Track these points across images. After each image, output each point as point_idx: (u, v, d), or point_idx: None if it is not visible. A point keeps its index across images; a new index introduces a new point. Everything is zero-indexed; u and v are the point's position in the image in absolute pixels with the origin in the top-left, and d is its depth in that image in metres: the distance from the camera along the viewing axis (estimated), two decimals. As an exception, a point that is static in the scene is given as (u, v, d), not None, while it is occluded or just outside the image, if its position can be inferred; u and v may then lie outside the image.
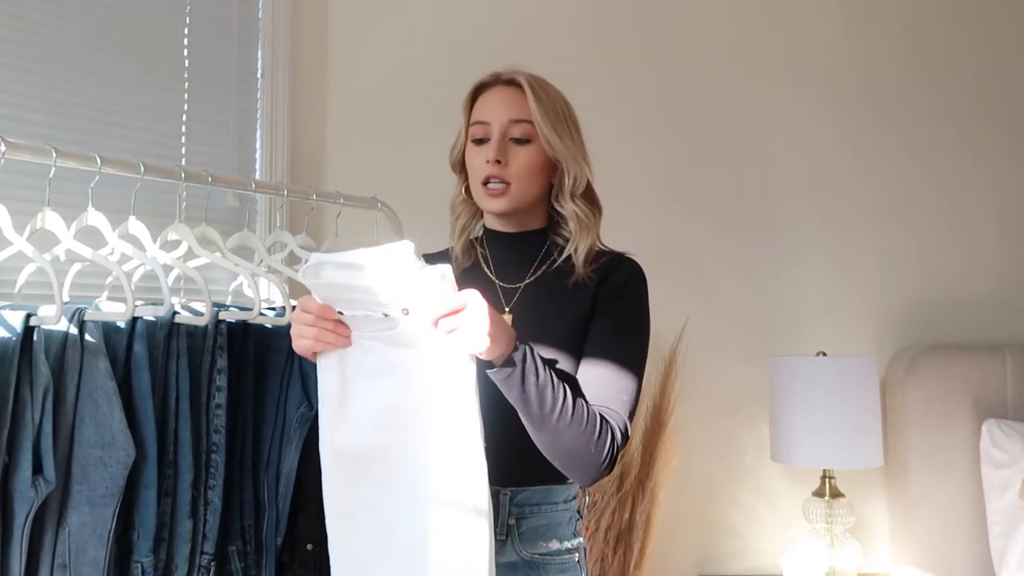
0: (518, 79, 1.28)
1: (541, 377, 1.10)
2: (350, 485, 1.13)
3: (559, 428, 1.11)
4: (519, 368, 1.09)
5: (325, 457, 1.13)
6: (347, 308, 1.09)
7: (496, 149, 1.26)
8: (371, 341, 1.11)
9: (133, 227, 1.46)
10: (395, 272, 1.02)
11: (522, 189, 1.28)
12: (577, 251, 1.29)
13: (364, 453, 1.12)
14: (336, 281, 1.05)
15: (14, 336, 1.19)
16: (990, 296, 2.44)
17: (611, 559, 2.20)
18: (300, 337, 1.11)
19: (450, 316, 1.04)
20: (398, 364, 1.10)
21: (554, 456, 1.15)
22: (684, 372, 2.31)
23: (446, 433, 1.09)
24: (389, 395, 1.11)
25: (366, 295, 1.05)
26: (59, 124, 1.74)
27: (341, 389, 1.12)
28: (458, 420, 1.08)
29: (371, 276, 1.03)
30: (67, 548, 1.23)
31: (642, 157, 2.43)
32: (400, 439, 1.11)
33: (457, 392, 1.08)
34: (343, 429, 1.12)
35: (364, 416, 1.12)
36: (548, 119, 1.26)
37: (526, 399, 1.10)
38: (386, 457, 1.11)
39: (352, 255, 1.04)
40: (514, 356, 1.09)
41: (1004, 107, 2.47)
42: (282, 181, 2.14)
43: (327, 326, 1.09)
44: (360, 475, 1.12)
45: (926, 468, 2.22)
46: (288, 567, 1.54)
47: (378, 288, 1.04)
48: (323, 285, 1.07)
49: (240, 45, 2.16)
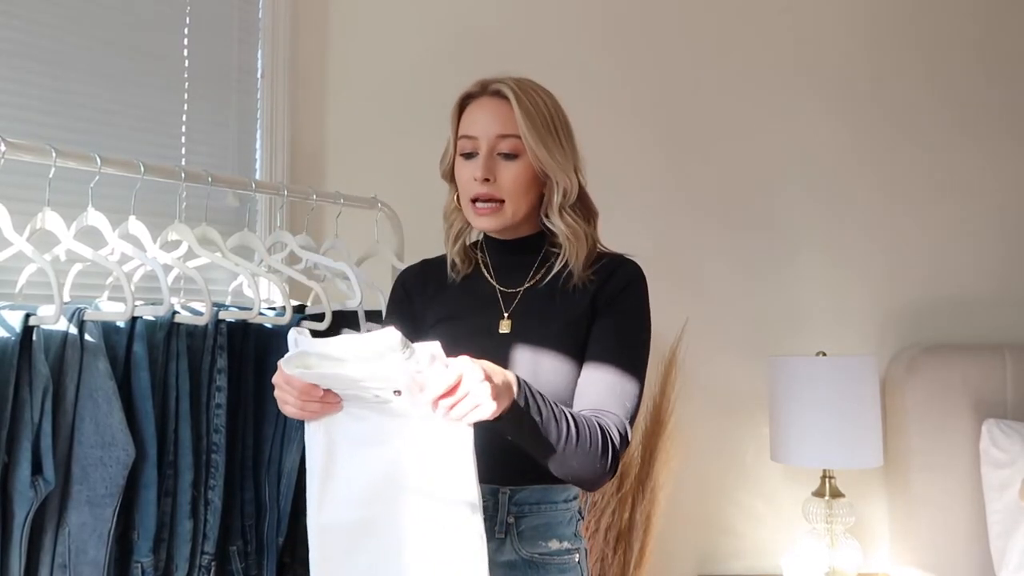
0: (503, 90, 1.25)
1: (544, 413, 1.08)
2: (339, 560, 1.08)
3: (566, 454, 1.10)
4: (525, 413, 1.06)
5: (312, 532, 1.08)
6: (335, 389, 1.04)
7: (483, 167, 1.24)
8: (359, 410, 1.05)
9: (133, 227, 1.46)
10: (382, 363, 0.96)
11: (515, 206, 1.27)
12: (572, 263, 1.28)
13: (353, 527, 1.07)
14: (322, 371, 1.01)
15: (13, 336, 1.19)
16: (990, 296, 2.44)
17: (611, 559, 2.20)
18: (284, 404, 1.06)
19: (448, 396, 0.98)
20: (391, 432, 1.05)
21: (560, 474, 1.15)
22: (684, 372, 2.31)
23: (443, 503, 1.04)
24: (381, 464, 1.05)
25: (353, 383, 1.01)
26: (59, 124, 1.74)
27: (328, 459, 1.07)
28: (456, 488, 1.03)
29: (357, 368, 0.98)
30: (67, 548, 1.23)
31: (642, 157, 2.43)
32: (393, 510, 1.06)
33: (455, 458, 1.03)
34: (330, 504, 1.07)
35: (353, 489, 1.07)
36: (535, 132, 1.24)
37: (535, 438, 1.08)
38: (376, 530, 1.06)
39: (336, 347, 0.98)
40: (516, 404, 1.05)
41: (1006, 106, 2.47)
42: (282, 181, 2.15)
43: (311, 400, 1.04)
44: (350, 549, 1.07)
45: (926, 468, 2.22)
46: (289, 567, 1.55)
47: (366, 378, 0.99)
48: (310, 375, 1.02)
49: (240, 45, 2.16)
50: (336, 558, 1.08)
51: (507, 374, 1.05)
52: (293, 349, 1.01)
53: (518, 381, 1.06)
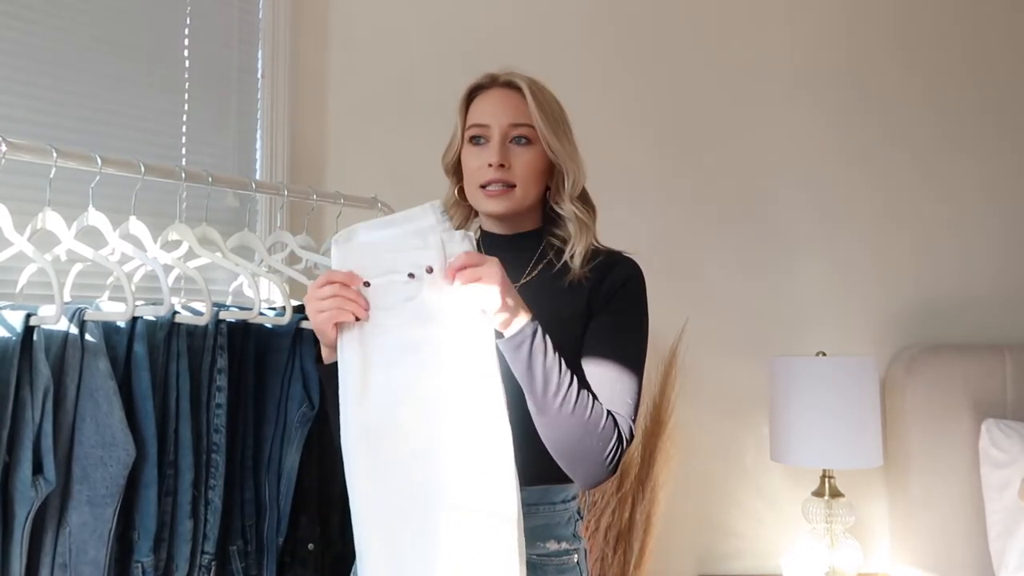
0: (517, 81, 1.28)
1: (549, 357, 1.12)
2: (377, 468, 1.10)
3: (563, 412, 1.12)
4: (529, 341, 1.11)
5: (349, 440, 1.10)
6: (372, 273, 1.11)
7: (499, 152, 1.25)
8: (389, 320, 1.12)
9: (134, 227, 1.46)
10: (423, 229, 1.11)
11: (525, 191, 1.28)
12: (575, 252, 1.29)
13: (389, 430, 1.11)
14: (367, 240, 1.12)
15: (14, 336, 1.19)
16: (990, 296, 2.44)
17: (611, 559, 2.20)
18: (319, 312, 1.12)
19: (468, 269, 1.09)
20: (417, 340, 1.11)
21: (557, 445, 1.15)
22: (684, 372, 2.31)
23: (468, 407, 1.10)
24: (409, 371, 1.11)
25: (392, 254, 1.11)
26: (59, 124, 1.74)
27: (362, 368, 1.12)
28: (480, 393, 1.09)
29: (399, 232, 1.11)
30: (67, 548, 1.23)
31: (642, 157, 2.43)
32: (422, 414, 1.10)
33: (478, 365, 1.10)
34: (367, 407, 1.11)
35: (386, 394, 1.11)
36: (548, 122, 1.26)
37: (532, 375, 1.11)
38: (410, 434, 1.10)
39: (382, 219, 1.14)
40: (525, 328, 1.12)
41: (1004, 107, 2.47)
42: (282, 181, 2.14)
43: (350, 294, 1.11)
44: (387, 455, 1.10)
45: (926, 468, 2.23)
46: (289, 567, 1.55)
47: (406, 244, 1.11)
48: (353, 247, 1.12)
49: (240, 45, 2.15)
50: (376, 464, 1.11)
51: (526, 306, 1.14)
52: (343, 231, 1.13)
53: (535, 319, 1.14)
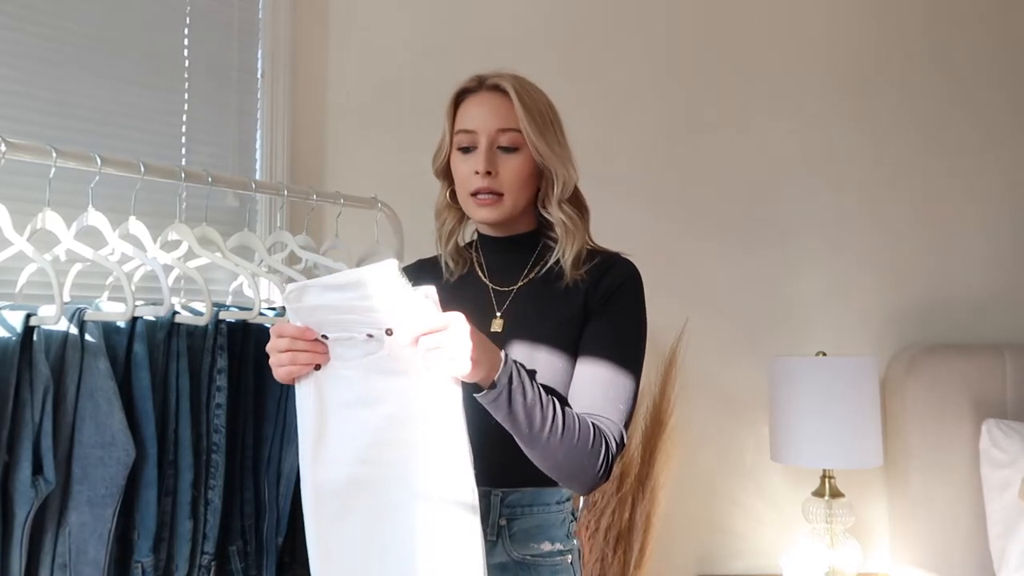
0: (503, 84, 1.26)
1: (529, 396, 1.08)
2: (333, 521, 1.09)
3: (551, 445, 1.10)
4: (505, 391, 1.06)
5: (306, 493, 1.09)
6: (330, 331, 1.06)
7: (485, 160, 1.24)
8: (350, 371, 1.07)
9: (133, 227, 1.46)
10: (379, 291, 1.00)
11: (514, 198, 1.26)
12: (565, 256, 1.28)
13: (347, 487, 1.08)
14: (319, 303, 1.03)
15: (14, 336, 1.19)
16: (990, 296, 2.44)
17: (611, 559, 2.20)
18: (277, 366, 1.10)
19: (431, 335, 1.01)
20: (379, 393, 1.07)
21: (548, 470, 1.14)
22: (684, 372, 2.31)
23: (433, 464, 1.06)
24: (370, 425, 1.07)
25: (349, 315, 1.03)
26: (59, 124, 1.74)
27: (319, 421, 1.09)
28: (445, 450, 1.05)
29: (354, 296, 1.01)
30: (67, 548, 1.23)
31: (642, 156, 2.43)
32: (384, 472, 1.07)
33: (443, 420, 1.04)
34: (323, 463, 1.09)
35: (345, 449, 1.08)
36: (535, 125, 1.24)
37: (515, 419, 1.08)
38: (370, 490, 1.08)
39: (335, 277, 1.02)
40: (499, 379, 1.06)
41: (1006, 107, 2.47)
42: (282, 181, 2.14)
43: (301, 346, 1.07)
44: (343, 510, 1.09)
45: (926, 468, 2.22)
46: (289, 567, 1.55)
47: (361, 307, 1.01)
48: (305, 308, 1.05)
49: (240, 45, 2.16)
50: (330, 518, 1.09)
51: (498, 351, 1.07)
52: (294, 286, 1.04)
53: (507, 360, 1.08)
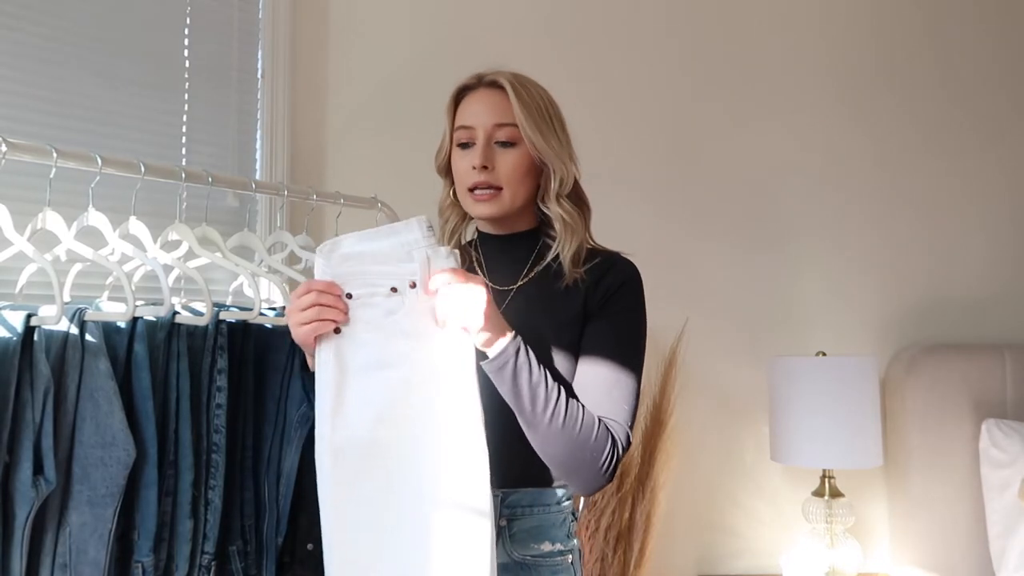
0: (500, 81, 1.26)
1: (535, 374, 1.11)
2: (351, 486, 1.11)
3: (553, 428, 1.11)
4: (512, 361, 1.10)
5: (322, 455, 1.11)
6: (355, 286, 1.10)
7: (482, 155, 1.25)
8: (370, 334, 1.10)
9: (133, 227, 1.46)
10: (408, 241, 1.09)
11: (512, 193, 1.27)
12: (564, 252, 1.28)
13: (363, 448, 1.10)
14: (352, 251, 1.11)
15: (14, 336, 1.19)
16: (990, 296, 2.44)
17: (611, 559, 2.20)
18: (300, 324, 1.10)
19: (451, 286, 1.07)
20: (397, 356, 1.10)
21: (551, 460, 1.15)
22: (684, 372, 2.31)
23: (447, 425, 1.08)
24: (387, 388, 1.10)
25: (377, 266, 1.10)
26: (59, 124, 1.74)
27: (338, 384, 1.11)
28: (459, 411, 1.08)
29: (385, 244, 1.10)
30: (68, 548, 1.23)
31: (643, 156, 2.43)
32: (400, 432, 1.10)
33: (457, 383, 1.08)
34: (341, 425, 1.10)
35: (362, 411, 1.10)
36: (532, 120, 1.25)
37: (518, 394, 1.10)
38: (386, 452, 1.10)
39: (368, 231, 1.12)
40: (508, 348, 1.10)
41: (1007, 107, 2.47)
42: (282, 181, 2.14)
43: (330, 301, 1.09)
44: (359, 472, 1.10)
45: (926, 468, 2.22)
46: (289, 567, 1.55)
47: (389, 258, 1.09)
48: (337, 257, 1.11)
49: (240, 45, 2.16)
50: (348, 482, 1.10)
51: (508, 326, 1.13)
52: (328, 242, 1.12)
53: (517, 336, 1.12)
